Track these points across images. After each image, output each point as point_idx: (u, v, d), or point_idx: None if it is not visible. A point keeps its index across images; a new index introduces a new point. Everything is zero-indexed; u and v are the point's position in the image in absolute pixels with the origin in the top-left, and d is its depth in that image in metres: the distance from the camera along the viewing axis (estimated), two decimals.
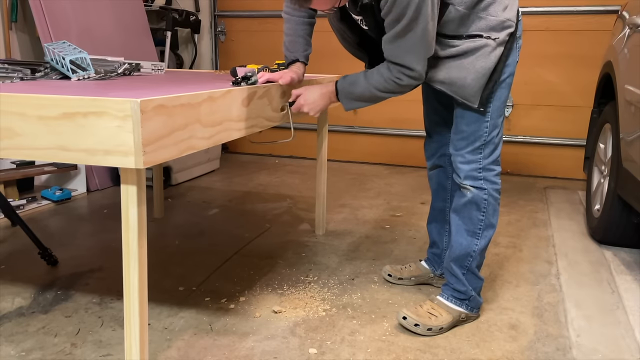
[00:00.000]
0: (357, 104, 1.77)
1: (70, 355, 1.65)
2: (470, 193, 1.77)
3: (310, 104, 1.84)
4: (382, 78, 1.66)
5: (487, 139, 1.74)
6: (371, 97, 1.73)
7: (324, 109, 1.87)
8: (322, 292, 2.08)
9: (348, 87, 1.75)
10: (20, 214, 2.74)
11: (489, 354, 1.69)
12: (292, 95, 1.89)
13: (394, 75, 1.63)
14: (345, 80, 1.77)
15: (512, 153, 4.04)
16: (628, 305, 2.02)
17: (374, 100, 1.74)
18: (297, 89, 1.88)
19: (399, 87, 1.66)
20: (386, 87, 1.67)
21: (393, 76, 1.63)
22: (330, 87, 1.80)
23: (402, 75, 1.62)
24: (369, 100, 1.74)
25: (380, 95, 1.70)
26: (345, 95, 1.77)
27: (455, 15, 1.62)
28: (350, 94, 1.76)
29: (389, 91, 1.68)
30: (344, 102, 1.79)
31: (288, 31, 1.99)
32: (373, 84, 1.68)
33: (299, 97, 1.86)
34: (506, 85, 1.73)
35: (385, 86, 1.67)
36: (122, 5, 3.79)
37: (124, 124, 1.24)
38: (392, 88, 1.66)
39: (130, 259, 1.35)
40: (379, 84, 1.67)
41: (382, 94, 1.69)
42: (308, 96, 1.84)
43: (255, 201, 3.30)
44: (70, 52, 1.86)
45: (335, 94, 1.79)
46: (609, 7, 3.64)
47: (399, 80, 1.63)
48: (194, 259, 2.39)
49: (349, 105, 1.79)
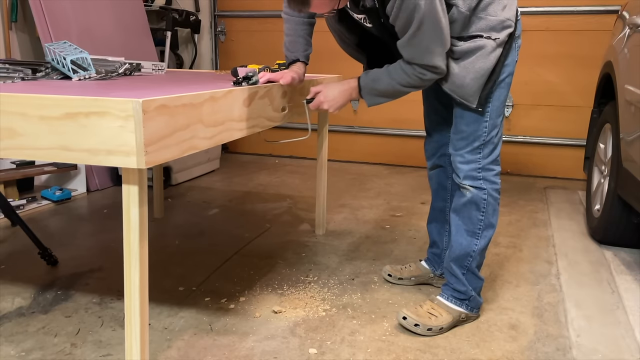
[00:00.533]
0: (381, 99, 1.78)
1: (70, 355, 1.65)
2: (469, 193, 1.78)
3: (330, 101, 1.84)
4: (406, 74, 1.67)
5: (486, 138, 1.74)
6: (394, 93, 1.74)
7: (344, 106, 1.87)
8: (322, 292, 2.09)
9: (371, 84, 1.76)
10: (20, 214, 2.74)
11: (489, 354, 1.69)
12: (311, 92, 1.88)
13: (417, 71, 1.65)
14: (367, 76, 1.77)
15: (512, 153, 4.04)
16: (628, 305, 2.02)
17: (397, 96, 1.76)
18: (315, 87, 1.88)
19: (422, 81, 1.68)
20: (409, 82, 1.68)
21: (417, 72, 1.65)
22: (351, 83, 1.81)
23: (425, 71, 1.64)
24: (392, 95, 1.76)
25: (404, 90, 1.72)
26: (368, 91, 1.77)
27: (458, 17, 1.63)
28: (373, 90, 1.76)
29: (412, 86, 1.70)
30: (367, 98, 1.79)
31: (288, 31, 1.99)
32: (397, 79, 1.69)
33: (318, 94, 1.86)
34: (505, 85, 1.73)
35: (408, 81, 1.68)
36: (122, 5, 3.79)
37: (126, 124, 1.24)
38: (416, 83, 1.68)
39: (132, 259, 1.35)
40: (403, 80, 1.68)
41: (406, 89, 1.71)
42: (328, 93, 1.83)
43: (255, 201, 3.30)
44: (71, 52, 1.86)
45: (357, 90, 1.79)
46: (609, 7, 3.64)
47: (423, 76, 1.66)
48: (194, 259, 2.39)
49: (372, 101, 1.79)
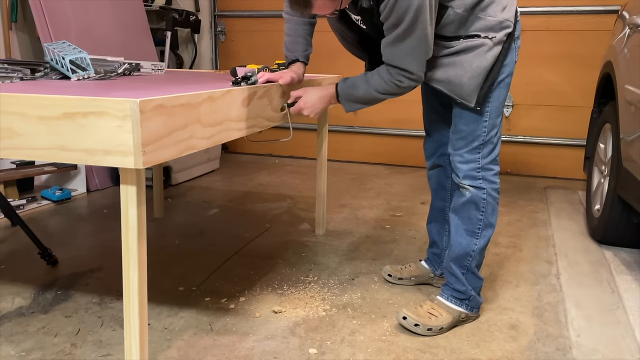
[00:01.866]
0: (358, 105, 1.79)
1: (70, 355, 1.65)
2: (469, 193, 1.77)
3: (309, 107, 1.85)
4: (382, 80, 1.67)
5: (485, 138, 1.74)
6: (371, 99, 1.75)
7: (323, 111, 1.89)
8: (322, 292, 2.08)
9: (348, 90, 1.77)
10: (20, 214, 2.74)
11: (489, 354, 1.69)
12: (292, 96, 1.89)
13: (394, 77, 1.65)
14: (345, 82, 1.78)
15: (512, 153, 4.04)
16: (628, 305, 2.02)
17: (374, 102, 1.76)
18: (296, 91, 1.89)
19: (399, 88, 1.68)
20: (386, 89, 1.69)
21: (393, 78, 1.65)
22: (330, 89, 1.82)
23: (403, 77, 1.64)
24: (370, 102, 1.77)
25: (380, 97, 1.73)
26: (345, 97, 1.79)
27: (454, 18, 1.63)
28: (350, 96, 1.78)
29: (388, 93, 1.70)
30: (344, 104, 1.80)
31: (288, 31, 2.00)
32: (373, 86, 1.70)
33: (298, 98, 1.87)
34: (504, 85, 1.73)
35: (385, 88, 1.69)
36: (122, 5, 3.79)
37: (124, 124, 1.24)
38: (392, 90, 1.69)
39: (130, 259, 1.35)
40: (379, 86, 1.69)
41: (382, 95, 1.72)
42: (308, 98, 1.85)
43: (255, 201, 3.30)
44: (70, 52, 1.86)
45: (335, 96, 1.81)
46: (609, 7, 3.64)
47: (399, 83, 1.66)
48: (194, 259, 2.39)
49: (349, 107, 1.81)
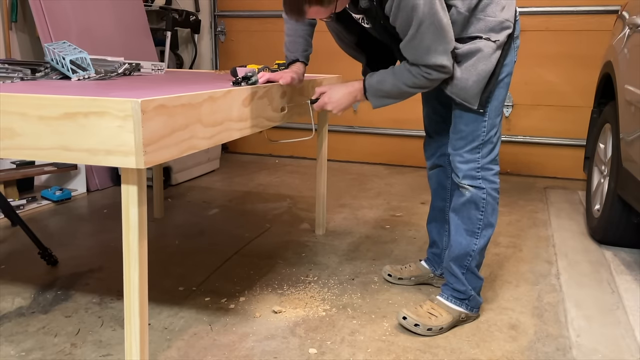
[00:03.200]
0: (386, 101, 1.76)
1: (70, 355, 1.65)
2: (468, 192, 1.77)
3: (334, 102, 1.83)
4: (411, 74, 1.65)
5: (485, 138, 1.74)
6: (400, 94, 1.72)
7: (347, 108, 1.86)
8: (322, 292, 2.09)
9: (377, 85, 1.74)
10: (20, 214, 2.74)
11: (489, 354, 1.69)
12: (316, 92, 1.87)
13: (423, 71, 1.63)
14: (373, 78, 1.75)
15: (512, 153, 4.04)
16: (628, 305, 2.02)
17: (403, 97, 1.74)
18: (320, 87, 1.87)
19: (429, 81, 1.65)
20: (415, 83, 1.66)
21: (423, 72, 1.63)
22: (356, 85, 1.79)
23: (431, 70, 1.62)
24: (398, 96, 1.74)
25: (410, 91, 1.70)
26: (374, 92, 1.76)
27: (457, 18, 1.63)
28: (379, 92, 1.75)
29: (418, 86, 1.68)
30: (372, 99, 1.77)
31: (288, 31, 2.00)
32: (402, 80, 1.67)
33: (322, 94, 1.85)
34: (504, 84, 1.73)
35: (414, 82, 1.66)
36: (122, 5, 3.79)
37: (125, 124, 1.24)
38: (422, 83, 1.66)
39: (131, 259, 1.35)
40: (408, 80, 1.66)
41: (412, 89, 1.69)
42: (332, 94, 1.83)
43: (255, 201, 3.30)
44: (71, 52, 1.86)
45: (362, 92, 1.78)
46: (609, 7, 3.64)
47: (429, 75, 1.63)
48: (194, 259, 2.39)
49: (377, 103, 1.77)
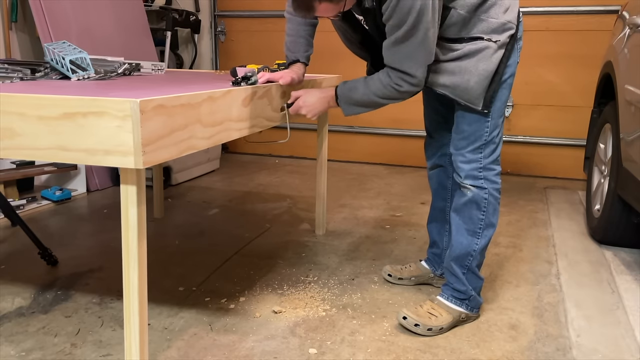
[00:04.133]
0: (357, 109, 1.77)
1: (70, 355, 1.65)
2: (470, 192, 1.77)
3: (308, 107, 1.85)
4: (382, 84, 1.66)
5: (487, 138, 1.74)
6: (370, 103, 1.73)
7: (322, 113, 1.88)
8: (322, 292, 2.08)
9: (348, 93, 1.76)
10: (20, 214, 2.74)
11: (489, 354, 1.69)
12: (292, 96, 1.89)
13: (393, 81, 1.63)
14: (345, 85, 1.77)
15: (512, 153, 4.04)
16: (628, 305, 2.02)
17: (373, 106, 1.75)
18: (296, 91, 1.89)
19: (398, 93, 1.66)
20: (385, 94, 1.67)
21: (392, 82, 1.64)
22: (329, 91, 1.81)
23: (402, 81, 1.63)
24: (368, 105, 1.75)
25: (379, 102, 1.71)
26: (345, 100, 1.77)
27: (457, 19, 1.63)
28: (349, 99, 1.76)
29: (387, 97, 1.69)
30: (343, 107, 1.79)
31: (290, 31, 1.99)
32: (372, 90, 1.68)
33: (298, 98, 1.87)
34: (507, 85, 1.73)
35: (384, 92, 1.67)
36: (122, 5, 3.79)
37: (124, 124, 1.24)
38: (391, 94, 1.67)
39: (130, 259, 1.35)
40: (378, 90, 1.67)
41: (381, 100, 1.70)
42: (307, 99, 1.85)
43: (255, 201, 3.30)
44: (70, 52, 1.86)
45: (334, 98, 1.80)
46: (609, 7, 3.64)
47: (399, 87, 1.64)
48: (194, 259, 2.39)
49: (348, 111, 1.79)
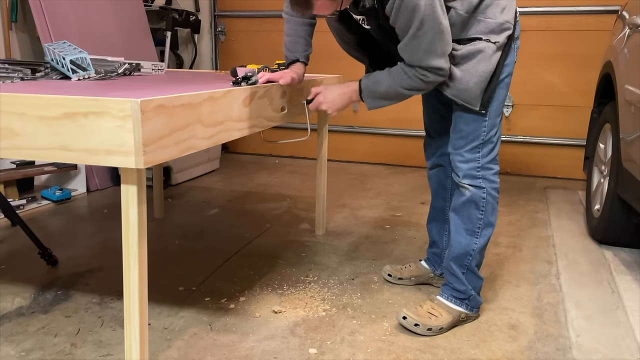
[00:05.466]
0: (381, 102, 1.75)
1: (70, 355, 1.65)
2: (468, 192, 1.77)
3: (329, 102, 1.82)
4: (407, 76, 1.64)
5: (485, 138, 1.74)
6: (396, 95, 1.71)
7: (343, 108, 1.85)
8: (322, 292, 2.08)
9: (372, 86, 1.73)
10: (20, 214, 2.74)
11: (489, 354, 1.69)
12: (312, 92, 1.87)
13: (419, 73, 1.62)
14: (369, 79, 1.74)
15: (512, 153, 4.04)
16: (628, 305, 2.02)
17: (399, 99, 1.72)
18: (316, 87, 1.87)
19: (424, 84, 1.65)
20: (412, 85, 1.65)
21: (419, 74, 1.62)
22: (352, 86, 1.78)
23: (428, 73, 1.61)
24: (394, 98, 1.73)
25: (405, 93, 1.69)
26: (369, 94, 1.75)
27: (456, 20, 1.63)
28: (374, 93, 1.74)
29: (414, 89, 1.67)
30: (367, 101, 1.76)
31: (289, 31, 1.99)
32: (398, 82, 1.66)
33: (317, 95, 1.85)
34: (504, 85, 1.74)
35: (410, 84, 1.65)
36: (122, 5, 3.79)
37: (125, 124, 1.24)
38: (418, 85, 1.65)
39: (130, 259, 1.35)
40: (404, 82, 1.65)
41: (408, 91, 1.68)
42: (328, 94, 1.82)
43: (255, 201, 3.30)
44: (71, 52, 1.86)
45: (358, 92, 1.77)
46: (609, 7, 3.64)
47: (425, 78, 1.63)
48: (194, 259, 2.39)
49: (372, 104, 1.76)
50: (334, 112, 1.85)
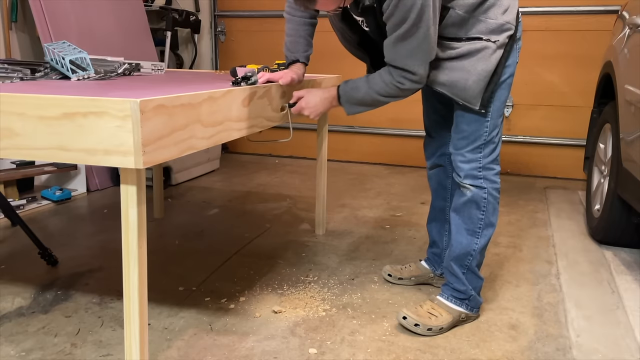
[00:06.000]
0: (359, 108, 1.77)
1: (70, 355, 1.65)
2: (470, 192, 1.77)
3: (311, 107, 1.85)
4: (384, 82, 1.66)
5: (487, 138, 1.74)
6: (373, 102, 1.73)
7: (324, 113, 1.88)
8: (322, 292, 2.08)
9: (350, 92, 1.76)
10: (20, 214, 2.74)
11: (489, 354, 1.69)
12: (294, 96, 1.89)
13: (395, 79, 1.64)
14: (347, 85, 1.77)
15: (512, 153, 4.04)
16: (628, 305, 2.02)
17: (376, 105, 1.75)
18: (298, 91, 1.88)
19: (400, 91, 1.66)
20: (387, 92, 1.67)
21: (395, 80, 1.64)
22: (332, 91, 1.81)
23: (404, 79, 1.63)
24: (371, 104, 1.75)
25: (381, 100, 1.71)
26: (347, 99, 1.77)
27: (455, 19, 1.63)
28: (352, 99, 1.76)
29: (390, 95, 1.69)
30: (345, 106, 1.79)
31: (289, 31, 1.99)
32: (375, 88, 1.69)
33: (300, 99, 1.87)
34: (506, 85, 1.74)
35: (386, 90, 1.67)
36: (122, 5, 3.79)
37: (124, 124, 1.24)
38: (394, 92, 1.67)
39: (130, 259, 1.35)
40: (381, 89, 1.68)
41: (384, 98, 1.70)
42: (309, 99, 1.84)
43: (255, 201, 3.30)
44: (70, 52, 1.86)
45: (337, 98, 1.79)
46: (609, 7, 3.64)
47: (401, 85, 1.64)
48: (194, 259, 2.39)
49: (350, 110, 1.79)
50: (316, 117, 1.88)
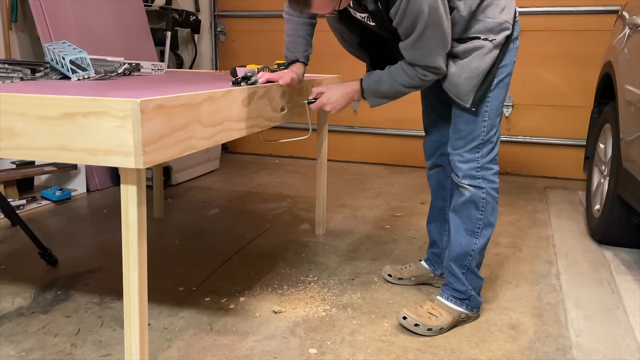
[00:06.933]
0: (383, 100, 1.81)
1: (70, 355, 1.65)
2: (468, 192, 1.78)
3: (332, 103, 1.85)
4: (407, 76, 1.69)
5: (485, 138, 1.74)
6: (396, 94, 1.76)
7: (345, 107, 1.89)
8: (322, 292, 2.08)
9: (374, 85, 1.78)
10: (20, 214, 2.74)
11: (489, 354, 1.69)
12: (313, 93, 1.90)
13: (419, 72, 1.67)
14: (370, 78, 1.78)
15: (512, 153, 4.04)
16: (628, 305, 2.02)
17: (399, 96, 1.78)
18: (317, 87, 1.89)
19: (423, 82, 1.71)
20: (411, 83, 1.71)
21: (419, 74, 1.67)
22: (353, 85, 1.82)
23: (427, 72, 1.67)
24: (394, 96, 1.78)
25: (405, 91, 1.75)
26: (371, 93, 1.79)
27: (458, 20, 1.64)
28: (376, 92, 1.79)
29: (413, 87, 1.73)
30: (370, 99, 1.81)
31: (289, 31, 1.99)
32: (399, 81, 1.71)
33: (320, 95, 1.87)
34: (504, 85, 1.74)
35: (410, 82, 1.70)
36: (122, 5, 3.79)
37: (124, 124, 1.24)
38: (417, 83, 1.71)
39: (130, 259, 1.35)
40: (405, 81, 1.71)
41: (407, 89, 1.74)
42: (331, 95, 1.85)
43: (255, 201, 3.30)
44: (70, 52, 1.86)
45: (359, 92, 1.81)
46: (609, 7, 3.64)
47: (424, 77, 1.68)
48: (194, 259, 2.39)
49: (374, 103, 1.82)
50: (337, 112, 1.89)
